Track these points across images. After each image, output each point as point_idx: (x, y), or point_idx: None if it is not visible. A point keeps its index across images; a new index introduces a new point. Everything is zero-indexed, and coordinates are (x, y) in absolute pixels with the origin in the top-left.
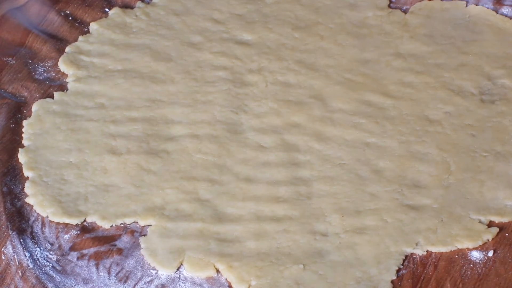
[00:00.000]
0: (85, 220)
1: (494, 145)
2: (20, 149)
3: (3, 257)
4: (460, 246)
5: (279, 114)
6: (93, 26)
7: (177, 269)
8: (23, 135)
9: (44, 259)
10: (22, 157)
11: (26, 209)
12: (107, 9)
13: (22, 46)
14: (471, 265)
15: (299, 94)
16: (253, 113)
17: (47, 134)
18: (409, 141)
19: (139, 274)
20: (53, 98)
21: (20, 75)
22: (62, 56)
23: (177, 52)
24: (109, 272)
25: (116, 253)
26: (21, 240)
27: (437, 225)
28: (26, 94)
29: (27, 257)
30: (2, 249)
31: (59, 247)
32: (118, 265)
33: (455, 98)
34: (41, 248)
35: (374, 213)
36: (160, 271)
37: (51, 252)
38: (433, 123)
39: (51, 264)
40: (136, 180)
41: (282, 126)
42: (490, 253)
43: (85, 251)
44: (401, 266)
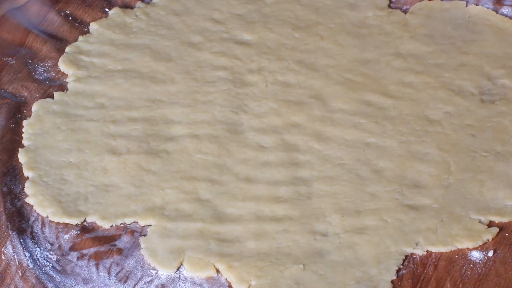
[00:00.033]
0: (85, 220)
1: (494, 145)
2: (20, 149)
3: (3, 257)
4: (460, 246)
5: (279, 114)
6: (93, 26)
7: (177, 269)
8: (23, 135)
9: (44, 259)
10: (22, 157)
11: (26, 209)
12: (107, 9)
13: (22, 46)
14: (471, 265)
15: (299, 94)
16: (253, 113)
17: (47, 134)
18: (409, 141)
19: (139, 274)
20: (53, 98)
21: (20, 75)
22: (62, 56)
23: (177, 52)
24: (109, 272)
25: (116, 253)
26: (21, 240)
27: (437, 225)
28: (26, 94)
29: (27, 257)
30: (2, 249)
31: (59, 247)
32: (118, 265)
33: (455, 98)
34: (41, 248)
35: (374, 213)
36: (160, 271)
37: (51, 252)
38: (433, 123)
39: (51, 264)
40: (136, 180)
41: (282, 126)
42: (490, 253)
43: (85, 251)
44: (401, 266)
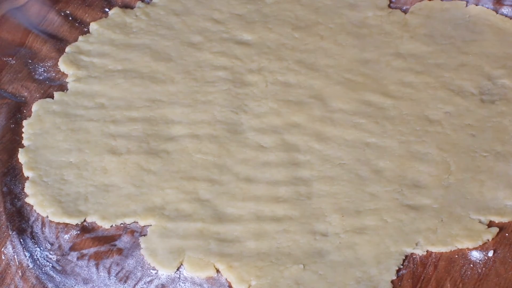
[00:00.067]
0: (85, 220)
1: (494, 145)
2: (20, 149)
3: (3, 257)
4: (460, 246)
5: (279, 114)
6: (93, 26)
7: (177, 269)
8: (23, 135)
9: (44, 259)
10: (22, 157)
11: (26, 209)
12: (107, 9)
13: (22, 46)
14: (471, 265)
15: (299, 94)
16: (253, 113)
17: (47, 134)
18: (409, 141)
19: (139, 274)
20: (53, 98)
21: (20, 75)
22: (62, 56)
23: (177, 52)
24: (109, 272)
25: (116, 253)
26: (21, 240)
27: (437, 225)
28: (26, 94)
29: (27, 257)
30: (2, 249)
31: (59, 247)
32: (118, 265)
33: (455, 98)
34: (41, 248)
35: (374, 213)
36: (160, 271)
37: (51, 252)
38: (433, 123)
39: (51, 264)
40: (136, 180)
41: (282, 126)
42: (490, 253)
43: (85, 251)
44: (401, 266)
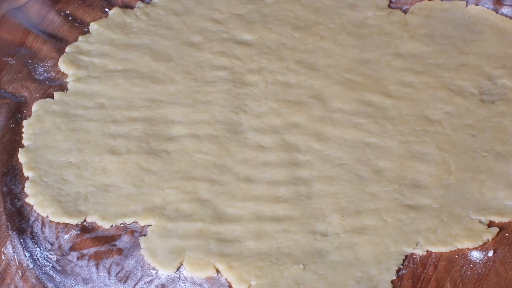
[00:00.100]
0: (85, 220)
1: (494, 145)
2: (20, 149)
3: (3, 257)
4: (460, 246)
5: (279, 114)
6: (93, 26)
7: (177, 269)
8: (23, 135)
9: (44, 259)
10: (22, 157)
11: (26, 209)
12: (107, 9)
13: (22, 46)
14: (471, 265)
15: (299, 94)
16: (253, 113)
17: (47, 134)
18: (409, 141)
19: (139, 274)
20: (53, 98)
21: (20, 75)
22: (62, 56)
23: (177, 52)
24: (109, 272)
25: (116, 253)
26: (21, 240)
27: (437, 225)
28: (26, 94)
29: (27, 257)
30: (2, 249)
31: (59, 247)
32: (118, 265)
33: (455, 98)
34: (41, 248)
35: (374, 213)
36: (160, 271)
37: (51, 252)
38: (433, 123)
39: (51, 264)
40: (136, 180)
41: (282, 126)
42: (490, 253)
43: (85, 251)
44: (401, 266)
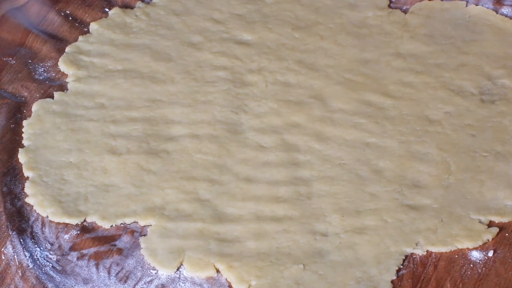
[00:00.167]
0: (85, 220)
1: (494, 145)
2: (20, 149)
3: (3, 257)
4: (460, 246)
5: (279, 114)
6: (93, 26)
7: (177, 269)
8: (23, 135)
9: (44, 259)
10: (22, 157)
11: (26, 209)
12: (107, 9)
13: (22, 46)
14: (471, 265)
15: (299, 94)
16: (253, 113)
17: (47, 134)
18: (409, 141)
19: (139, 274)
20: (53, 98)
21: (20, 75)
22: (62, 56)
23: (177, 52)
24: (109, 272)
25: (116, 253)
26: (21, 240)
27: (437, 225)
28: (26, 94)
29: (27, 257)
30: (2, 249)
31: (59, 247)
32: (118, 265)
33: (455, 98)
34: (41, 248)
35: (374, 213)
36: (160, 271)
37: (51, 252)
38: (433, 123)
39: (51, 264)
40: (136, 180)
41: (282, 126)
42: (490, 253)
43: (85, 251)
44: (401, 266)
